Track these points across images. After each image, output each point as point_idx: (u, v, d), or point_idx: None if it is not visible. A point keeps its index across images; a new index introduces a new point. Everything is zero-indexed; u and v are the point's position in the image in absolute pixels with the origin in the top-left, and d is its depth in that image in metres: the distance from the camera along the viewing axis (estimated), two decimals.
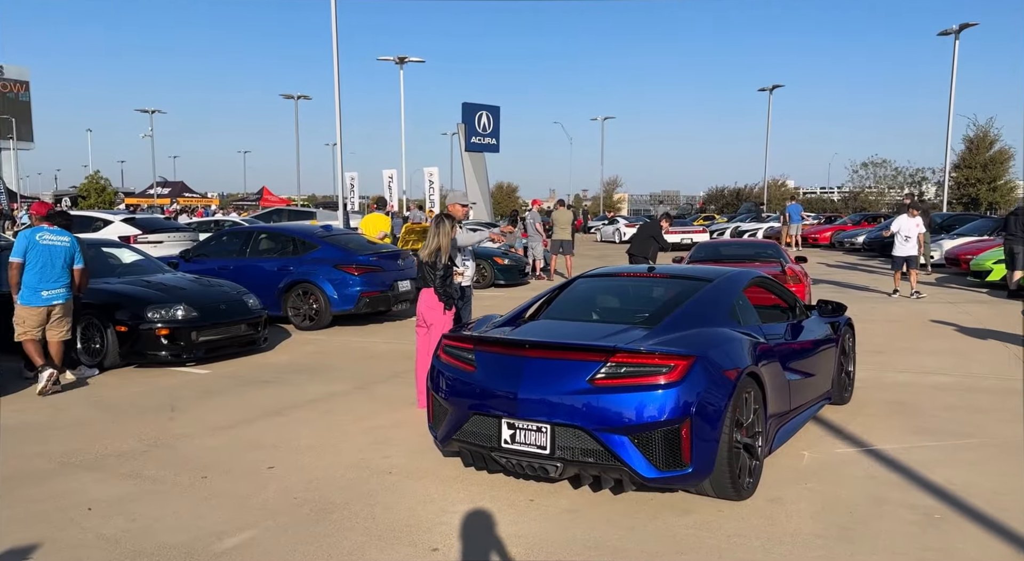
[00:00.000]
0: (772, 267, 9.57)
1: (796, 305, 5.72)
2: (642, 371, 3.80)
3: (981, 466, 4.51)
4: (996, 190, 33.64)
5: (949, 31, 26.09)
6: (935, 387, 6.59)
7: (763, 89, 40.90)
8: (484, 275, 14.77)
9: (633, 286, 5.40)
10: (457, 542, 3.57)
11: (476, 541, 3.59)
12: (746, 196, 48.08)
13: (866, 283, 15.23)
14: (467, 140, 36.87)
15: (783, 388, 4.68)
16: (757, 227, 32.52)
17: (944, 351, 8.21)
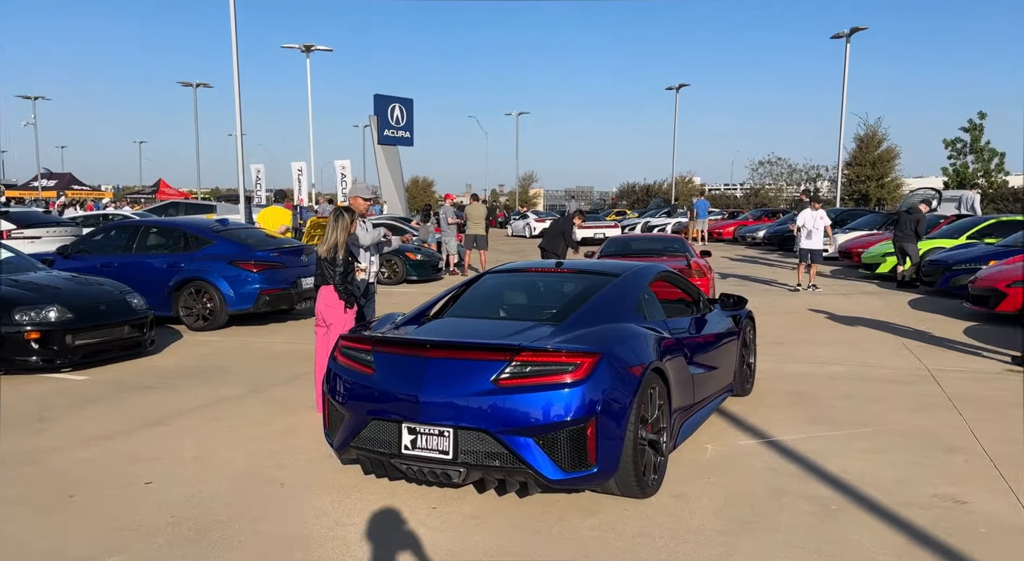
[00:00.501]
0: (678, 261, 9.73)
1: (700, 299, 5.76)
2: (548, 370, 3.68)
3: (875, 455, 4.63)
4: (884, 187, 35.81)
5: (841, 34, 27.49)
6: (831, 377, 6.82)
7: (670, 88, 42.01)
8: (396, 271, 14.41)
9: (541, 282, 5.28)
10: (351, 558, 3.34)
11: (372, 556, 3.37)
12: (656, 192, 49.39)
13: (767, 276, 15.81)
14: (380, 133, 36.02)
15: (687, 382, 4.68)
16: (666, 222, 33.47)
17: (839, 342, 8.55)
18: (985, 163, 28.22)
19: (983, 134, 28.43)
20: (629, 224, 36.45)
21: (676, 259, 9.95)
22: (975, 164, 28.53)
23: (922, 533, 3.48)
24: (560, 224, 12.40)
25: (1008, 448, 4.70)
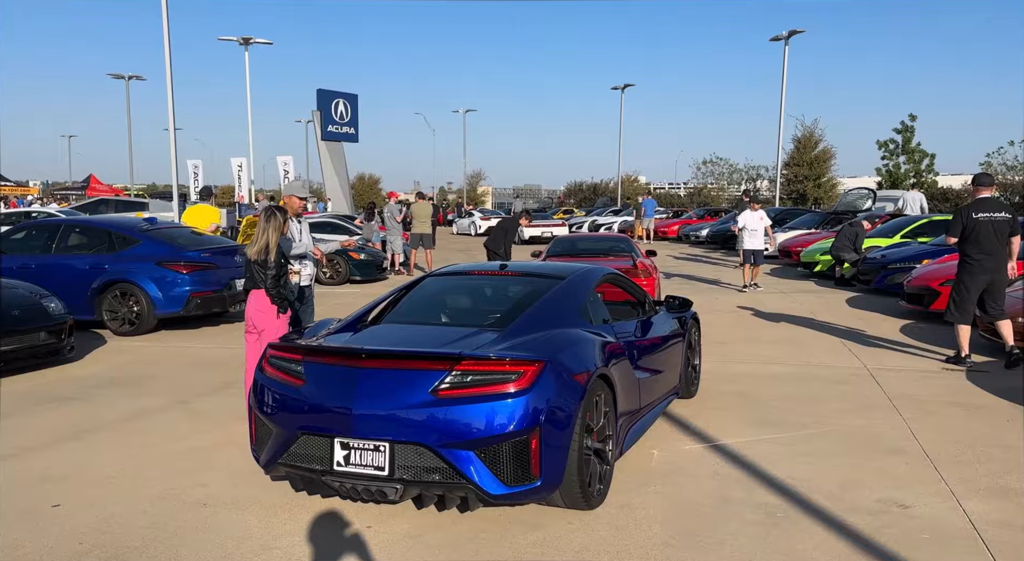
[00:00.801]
0: (624, 261, 9.71)
1: (645, 301, 5.68)
2: (490, 379, 3.50)
3: (819, 459, 4.61)
4: (820, 187, 36.82)
5: (780, 37, 28.14)
6: (774, 377, 6.85)
7: (616, 87, 42.36)
8: (338, 271, 14.03)
9: (484, 285, 5.09)
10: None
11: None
12: (602, 191, 49.82)
13: (711, 275, 15.99)
14: (323, 129, 35.29)
15: (633, 387, 4.57)
16: (613, 221, 33.77)
17: (781, 341, 8.63)
18: (916, 164, 29.31)
19: (914, 135, 29.51)
20: (576, 223, 36.68)
21: (622, 259, 9.94)
22: (907, 165, 29.59)
23: (867, 541, 3.44)
24: (505, 224, 12.22)
25: (947, 449, 4.74)
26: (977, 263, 6.99)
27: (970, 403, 5.83)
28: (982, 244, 6.95)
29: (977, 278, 7.00)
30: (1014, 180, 21.29)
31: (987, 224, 6.95)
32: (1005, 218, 6.96)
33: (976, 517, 3.67)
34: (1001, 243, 6.97)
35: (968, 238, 7.03)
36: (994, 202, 7.15)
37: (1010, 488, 4.04)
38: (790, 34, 27.75)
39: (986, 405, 5.75)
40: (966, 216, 7.04)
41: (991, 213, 6.98)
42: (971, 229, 7.00)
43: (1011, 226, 6.97)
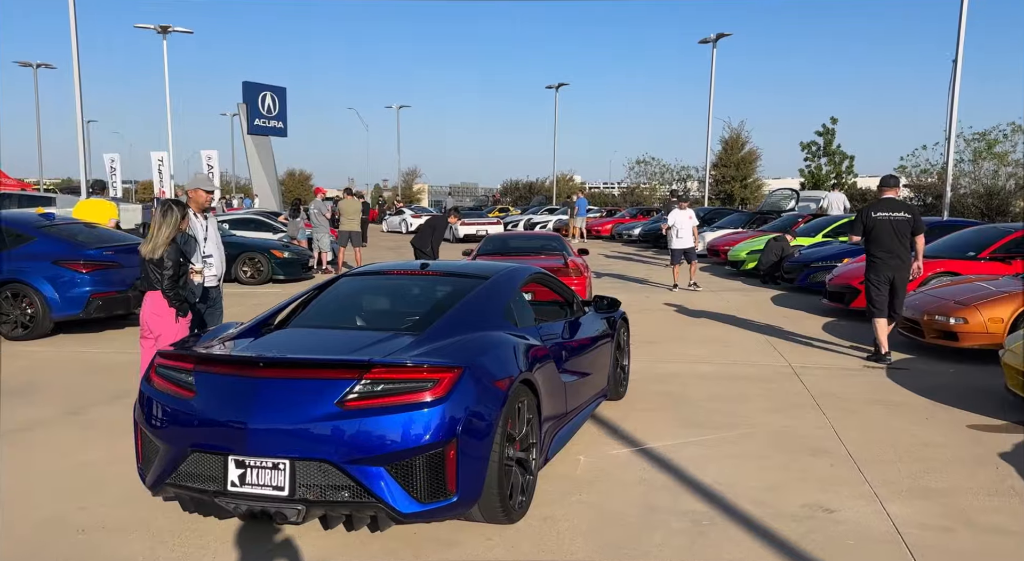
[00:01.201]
0: (555, 260, 9.58)
1: (573, 301, 5.51)
2: (403, 388, 3.24)
3: (745, 461, 4.54)
4: (747, 187, 37.83)
5: (708, 39, 28.71)
6: (702, 376, 6.81)
7: (550, 86, 42.49)
8: (260, 270, 13.42)
9: (402, 286, 4.81)
10: None
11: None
12: (538, 189, 49.88)
13: (642, 274, 16.09)
14: (250, 122, 34.05)
15: (559, 391, 4.39)
16: (548, 219, 33.80)
17: (709, 339, 8.65)
18: (837, 165, 30.40)
19: (835, 138, 30.61)
20: (512, 221, 36.54)
21: (553, 258, 9.80)
22: (828, 166, 30.66)
23: (793, 549, 3.35)
24: (434, 221, 11.89)
25: (870, 449, 4.75)
26: (880, 261, 7.20)
27: (890, 400, 5.90)
28: (883, 243, 7.15)
29: (881, 275, 7.20)
30: (927, 182, 22.28)
31: (886, 223, 7.14)
32: (904, 218, 7.16)
33: (899, 520, 3.63)
34: (902, 242, 7.16)
35: (870, 237, 7.24)
36: (894, 202, 7.34)
37: (931, 488, 4.04)
38: (718, 37, 28.34)
39: (906, 403, 5.83)
40: (866, 215, 7.26)
41: (890, 213, 7.18)
42: (871, 228, 7.21)
43: (912, 225, 7.16)
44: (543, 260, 9.66)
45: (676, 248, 13.26)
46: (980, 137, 21.64)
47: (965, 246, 10.05)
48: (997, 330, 6.98)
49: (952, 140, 17.47)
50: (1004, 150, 20.85)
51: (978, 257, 9.58)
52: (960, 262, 9.57)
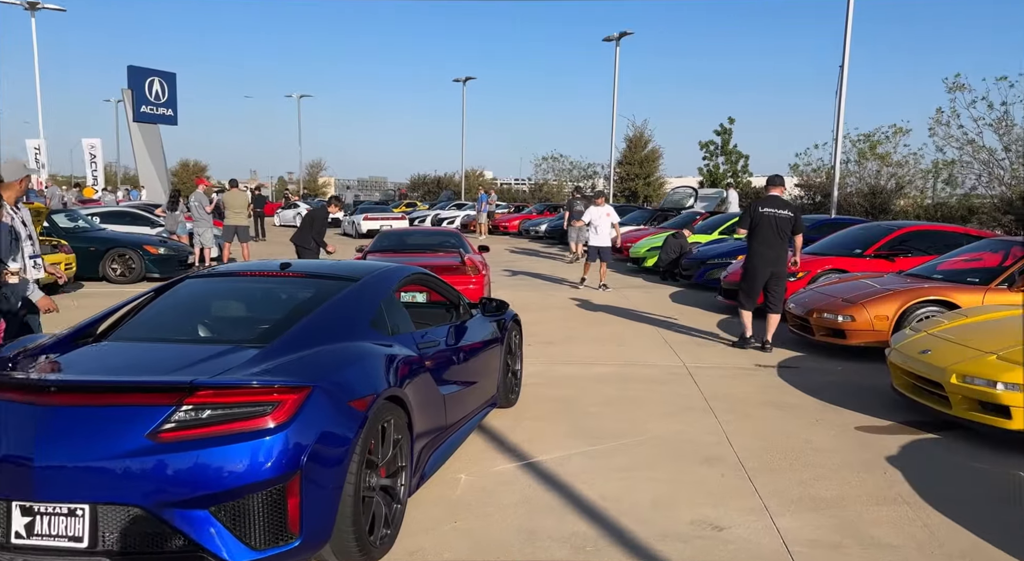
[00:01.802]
0: (451, 257, 9.20)
1: (460, 304, 5.11)
2: (234, 414, 2.74)
3: (634, 472, 4.28)
4: (650, 185, 38.67)
5: (611, 38, 29.01)
6: (597, 379, 6.57)
7: (457, 80, 42.01)
8: (131, 267, 12.31)
9: (256, 289, 4.24)
10: None
11: None
12: (446, 184, 49.27)
13: (547, 270, 15.91)
14: (135, 109, 31.80)
15: (437, 405, 3.99)
16: (456, 215, 33.34)
17: (607, 339, 8.47)
18: (733, 164, 31.42)
19: (732, 137, 31.62)
20: (419, 216, 35.87)
21: (450, 255, 9.40)
22: (725, 165, 31.65)
23: None
24: (312, 214, 10.88)
25: (761, 456, 4.59)
26: (760, 256, 7.50)
27: (782, 402, 5.83)
28: (765, 238, 7.46)
29: (761, 270, 7.50)
30: (817, 181, 23.27)
31: (771, 219, 7.45)
32: (787, 216, 7.48)
33: (789, 536, 3.44)
34: (782, 239, 7.48)
35: (754, 232, 7.53)
36: (779, 200, 7.68)
37: (821, 498, 3.89)
38: (620, 35, 28.67)
39: (796, 404, 5.78)
40: (753, 211, 7.58)
41: (775, 210, 7.50)
42: (756, 223, 7.50)
43: (792, 223, 7.50)
44: (439, 258, 9.24)
45: (592, 245, 12.79)
46: (865, 139, 22.78)
47: (852, 243, 10.34)
48: (883, 327, 7.10)
49: (839, 141, 18.22)
50: (886, 151, 22.02)
51: (864, 254, 9.85)
52: (847, 259, 9.81)
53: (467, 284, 8.74)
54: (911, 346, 5.50)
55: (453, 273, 8.77)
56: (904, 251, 9.81)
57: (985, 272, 7.55)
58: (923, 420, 5.25)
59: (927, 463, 4.44)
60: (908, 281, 7.72)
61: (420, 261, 8.95)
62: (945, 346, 5.24)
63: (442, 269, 8.82)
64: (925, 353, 5.27)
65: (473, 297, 8.72)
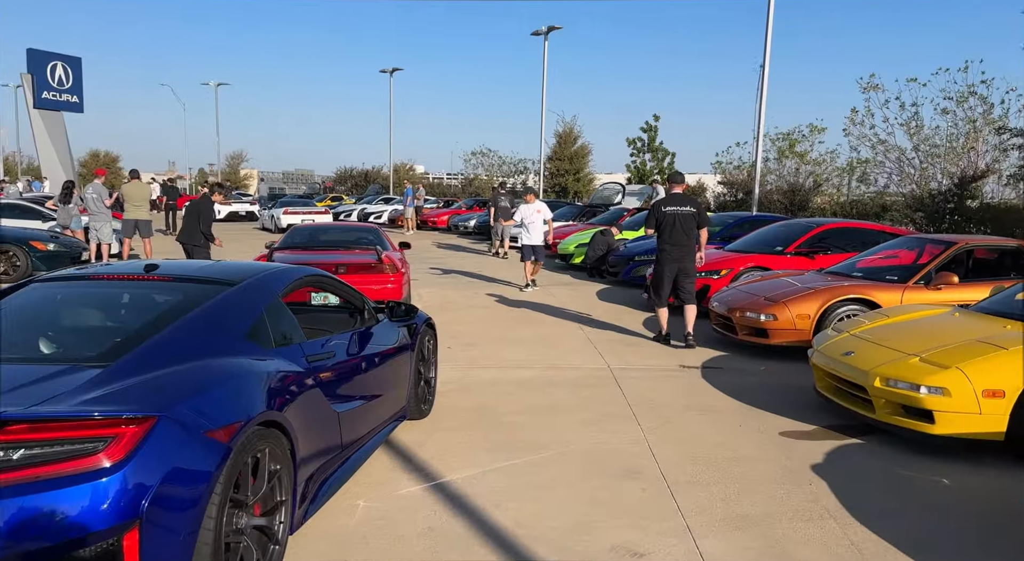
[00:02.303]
0: (367, 255, 8.68)
1: (364, 308, 4.66)
2: (58, 453, 2.27)
3: (552, 491, 3.95)
4: (580, 180, 38.79)
5: (540, 31, 28.81)
6: (519, 384, 6.24)
7: (384, 71, 41.03)
8: (16, 265, 11.24)
9: (113, 296, 3.67)
10: None
11: None
12: (374, 178, 48.14)
13: (474, 268, 15.52)
14: (36, 95, 29.76)
15: (331, 425, 3.56)
16: (383, 209, 32.55)
17: (532, 339, 8.16)
18: (660, 161, 31.78)
19: (658, 134, 31.95)
20: (345, 211, 34.87)
21: (366, 252, 8.86)
22: (652, 162, 31.98)
23: None
24: (194, 208, 9.97)
25: (684, 468, 4.35)
26: (667, 253, 7.69)
27: (706, 405, 5.63)
28: (671, 235, 7.64)
29: (669, 266, 7.70)
30: (739, 178, 23.70)
31: (674, 217, 7.63)
32: (690, 212, 7.66)
33: None
34: (688, 235, 7.65)
35: (661, 230, 7.72)
36: (682, 197, 7.83)
37: (746, 516, 3.66)
38: (549, 30, 28.48)
39: (720, 408, 5.59)
40: (658, 210, 7.74)
41: (678, 207, 7.66)
42: (662, 221, 7.68)
43: (696, 219, 7.67)
44: (353, 255, 8.71)
45: (525, 244, 12.10)
46: (784, 137, 23.33)
47: (773, 241, 10.36)
48: (805, 326, 7.03)
49: (760, 139, 18.52)
50: (804, 149, 22.60)
51: (785, 252, 9.87)
52: (769, 257, 9.81)
53: (384, 284, 8.28)
54: (834, 347, 5.39)
55: (369, 272, 8.29)
56: (824, 248, 9.89)
57: (903, 270, 7.60)
58: (847, 424, 5.13)
59: (852, 472, 4.29)
60: (829, 279, 7.70)
61: (332, 259, 8.42)
62: (868, 347, 5.14)
63: (357, 268, 8.34)
64: (848, 355, 5.15)
65: (392, 297, 8.38)
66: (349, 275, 8.14)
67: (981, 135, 16.38)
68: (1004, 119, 15.37)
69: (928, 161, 17.33)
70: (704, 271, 9.81)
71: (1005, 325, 4.89)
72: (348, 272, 8.19)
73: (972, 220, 14.69)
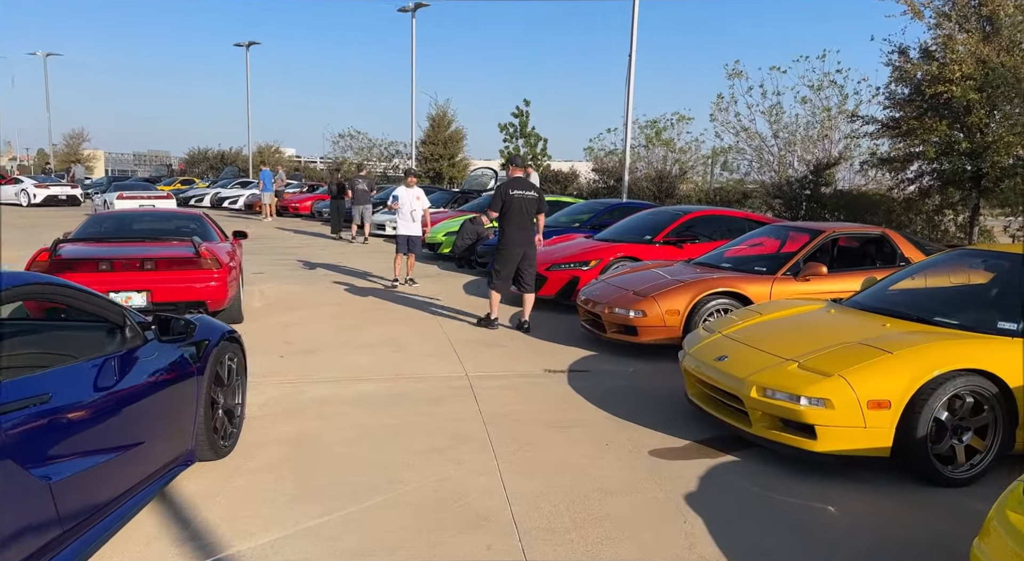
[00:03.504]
0: (184, 247, 7.32)
1: (125, 325, 3.52)
2: None
3: (373, 559, 3.07)
4: (455, 166, 37.81)
5: (407, 8, 27.50)
6: (356, 401, 5.30)
7: (239, 45, 38.03)
8: None
9: None
10: None
11: None
12: (231, 160, 44.81)
13: (334, 259, 14.25)
14: None
15: (33, 504, 2.49)
16: (239, 194, 30.25)
17: (384, 342, 7.21)
18: (533, 147, 31.39)
19: (529, 120, 31.53)
20: (196, 195, 32.19)
21: (182, 244, 7.50)
22: (525, 148, 31.54)
23: None
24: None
25: (541, 509, 3.60)
26: (513, 239, 7.54)
27: (570, 420, 4.94)
28: (515, 220, 7.50)
29: (513, 251, 7.56)
30: (610, 165, 23.66)
31: (519, 201, 7.51)
32: (533, 196, 7.61)
33: None
34: (530, 219, 7.61)
35: (506, 215, 7.51)
36: (524, 182, 7.69)
37: None
38: (416, 6, 27.27)
39: (586, 421, 4.91)
40: (504, 194, 7.54)
41: (523, 191, 7.54)
42: (507, 206, 7.50)
43: (537, 204, 7.64)
44: (164, 248, 7.34)
45: (401, 233, 10.65)
46: (651, 124, 23.49)
47: (643, 229, 9.93)
48: (674, 323, 6.54)
49: (629, 126, 18.38)
50: (671, 137, 22.85)
51: (654, 241, 9.46)
52: (639, 246, 9.36)
53: (205, 281, 7.03)
54: (706, 351, 4.84)
55: (183, 268, 7.02)
56: (691, 237, 9.57)
57: (771, 260, 7.29)
58: (721, 435, 4.60)
59: (729, 501, 3.71)
60: (698, 271, 7.27)
61: (137, 253, 7.07)
62: (742, 351, 4.61)
63: (168, 263, 7.04)
64: (722, 360, 4.61)
65: (214, 298, 7.07)
66: (158, 272, 6.95)
67: (835, 123, 16.98)
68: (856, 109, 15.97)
69: (786, 148, 17.82)
70: (573, 262, 9.27)
71: (884, 323, 4.51)
72: (157, 268, 6.96)
73: (827, 206, 15.15)
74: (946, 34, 11.94)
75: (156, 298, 6.85)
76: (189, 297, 6.92)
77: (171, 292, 6.88)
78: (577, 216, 13.01)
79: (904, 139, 12.58)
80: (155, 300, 6.83)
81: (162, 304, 6.82)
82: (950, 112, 11.86)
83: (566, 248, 9.85)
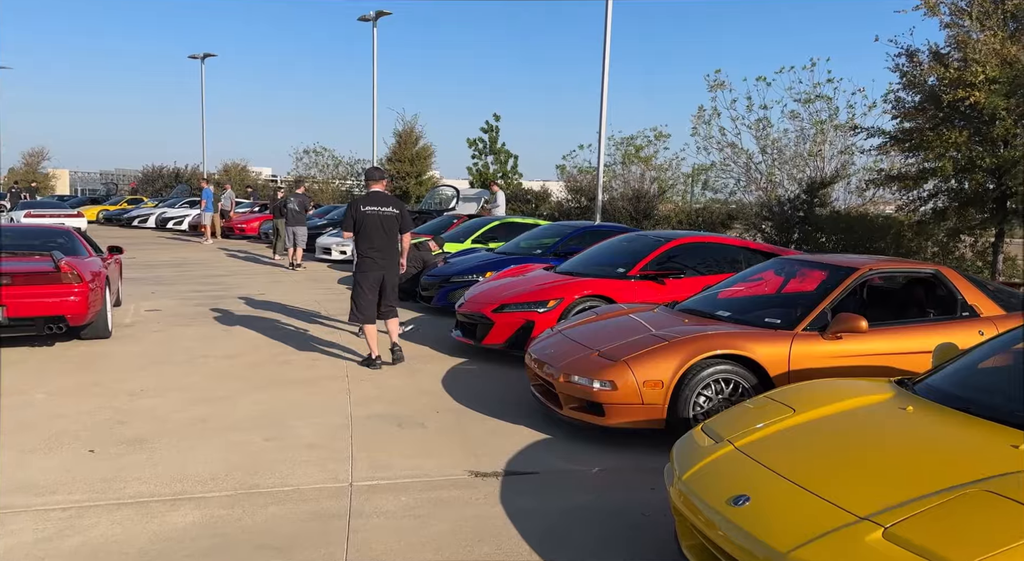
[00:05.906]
0: (43, 262, 7.00)
1: None
2: None
3: None
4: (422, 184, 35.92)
5: (367, 17, 25.75)
6: (154, 555, 3.28)
7: (194, 57, 35.93)
8: None
9: None
10: None
11: None
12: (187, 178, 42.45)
13: (258, 288, 12.17)
14: None
15: None
16: (186, 214, 28.23)
17: (255, 421, 5.21)
18: (503, 164, 29.63)
19: (499, 136, 29.82)
20: (140, 215, 30.11)
21: (43, 259, 7.19)
22: (495, 165, 29.77)
23: None
24: None
25: None
26: (370, 260, 6.79)
27: None
28: (372, 239, 6.76)
29: (371, 275, 6.78)
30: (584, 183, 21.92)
31: (375, 217, 6.75)
32: (392, 213, 6.83)
33: None
34: (391, 239, 6.83)
35: (360, 233, 6.78)
36: (382, 197, 6.89)
37: None
38: (377, 15, 25.52)
39: None
40: (356, 211, 6.79)
41: (379, 207, 6.79)
42: (361, 223, 6.76)
43: (399, 222, 6.85)
44: (22, 262, 7.08)
45: None
46: (628, 141, 21.83)
47: (615, 259, 8.03)
48: (655, 400, 4.61)
49: (603, 142, 16.66)
50: (648, 154, 21.17)
51: (628, 275, 7.57)
52: (610, 282, 7.47)
53: (64, 296, 6.82)
54: (710, 480, 2.92)
55: (41, 282, 6.79)
56: (676, 270, 7.71)
57: (784, 308, 5.41)
58: None
59: None
60: (686, 322, 5.36)
61: None
62: (774, 488, 2.70)
63: (25, 277, 6.69)
64: (740, 503, 2.69)
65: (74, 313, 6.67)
66: (14, 287, 6.65)
67: (827, 138, 15.34)
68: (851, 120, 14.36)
69: (775, 166, 16.15)
70: (526, 302, 7.32)
71: (1015, 442, 2.61)
72: (14, 283, 6.69)
73: (824, 230, 13.43)
74: (965, 32, 10.31)
75: (11, 313, 6.66)
76: (47, 312, 6.80)
77: (28, 307, 6.72)
78: (539, 241, 11.11)
79: (916, 153, 10.90)
80: (10, 315, 6.65)
81: (19, 319, 6.68)
82: (970, 122, 10.20)
83: (519, 283, 7.89)
